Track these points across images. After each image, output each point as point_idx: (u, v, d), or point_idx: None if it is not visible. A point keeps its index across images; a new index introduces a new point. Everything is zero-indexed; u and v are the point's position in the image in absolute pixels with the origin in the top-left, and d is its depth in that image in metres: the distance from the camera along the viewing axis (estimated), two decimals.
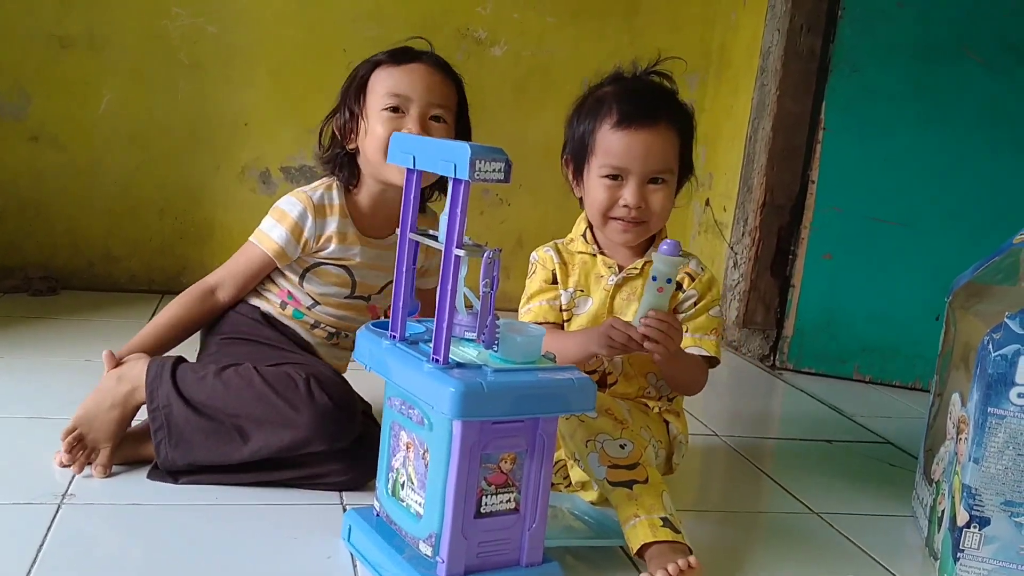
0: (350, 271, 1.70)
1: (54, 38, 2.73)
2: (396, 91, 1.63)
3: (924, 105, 2.58)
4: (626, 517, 1.38)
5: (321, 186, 1.69)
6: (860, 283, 2.68)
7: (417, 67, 1.65)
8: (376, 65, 1.67)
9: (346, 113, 1.67)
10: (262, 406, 1.48)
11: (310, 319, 1.71)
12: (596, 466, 1.43)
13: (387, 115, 1.63)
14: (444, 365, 1.17)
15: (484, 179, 1.13)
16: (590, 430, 1.46)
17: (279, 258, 1.66)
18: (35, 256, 2.80)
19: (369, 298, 1.74)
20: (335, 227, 1.67)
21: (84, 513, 1.39)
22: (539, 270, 1.66)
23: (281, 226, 1.65)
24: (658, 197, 1.57)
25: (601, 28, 3.09)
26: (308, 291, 1.70)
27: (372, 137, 1.63)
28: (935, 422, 1.67)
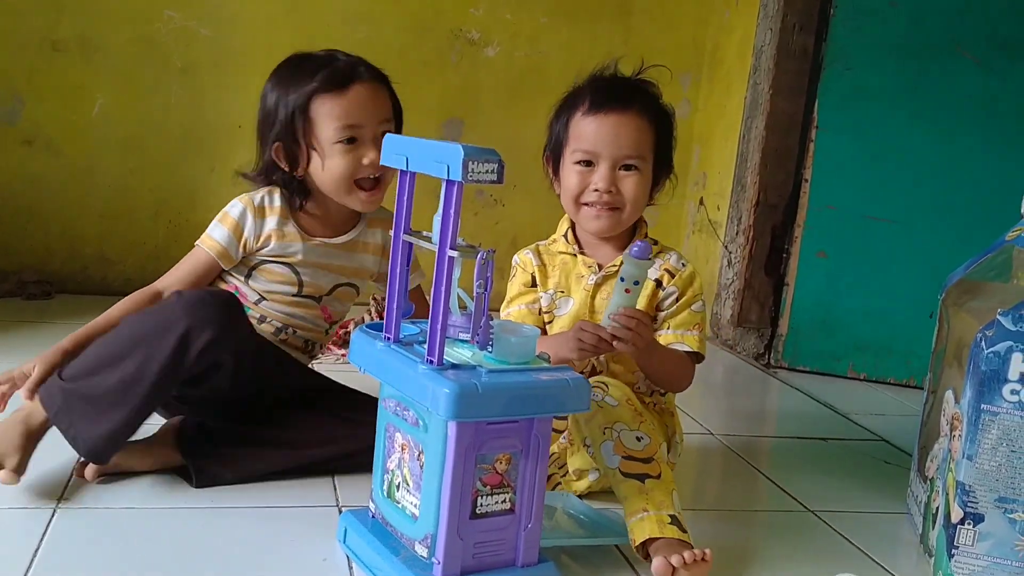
0: (294, 269, 1.68)
1: (47, 42, 2.73)
2: (349, 122, 1.61)
3: (917, 103, 2.59)
4: (634, 510, 1.37)
5: (264, 191, 1.68)
6: (854, 281, 2.69)
7: (359, 89, 1.62)
8: (312, 94, 1.60)
9: (291, 144, 1.63)
10: (139, 327, 1.45)
11: (256, 313, 1.68)
12: (610, 455, 1.43)
13: (342, 147, 1.61)
14: (439, 366, 1.17)
15: (477, 180, 1.13)
16: (608, 417, 1.45)
17: (222, 259, 1.65)
18: (29, 260, 2.79)
19: (320, 299, 1.71)
20: (274, 225, 1.66)
21: (79, 517, 1.39)
22: (519, 273, 1.67)
23: (223, 226, 1.65)
24: (630, 183, 1.58)
25: (594, 28, 3.10)
26: (254, 288, 1.68)
27: (332, 172, 1.62)
28: (929, 419, 1.67)
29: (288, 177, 1.66)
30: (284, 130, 1.62)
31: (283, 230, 1.66)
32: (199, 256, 1.66)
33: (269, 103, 1.65)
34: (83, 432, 1.43)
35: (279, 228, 1.66)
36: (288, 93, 1.62)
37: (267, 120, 1.65)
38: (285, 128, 1.62)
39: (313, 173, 1.65)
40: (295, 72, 1.63)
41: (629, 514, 1.38)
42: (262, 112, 1.66)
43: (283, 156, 1.64)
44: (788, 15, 2.70)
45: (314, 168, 1.64)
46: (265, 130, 1.66)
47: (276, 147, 1.63)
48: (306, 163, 1.64)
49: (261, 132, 1.67)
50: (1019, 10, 2.51)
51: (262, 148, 1.67)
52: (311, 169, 1.64)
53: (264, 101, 1.66)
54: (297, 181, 1.67)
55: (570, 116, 1.62)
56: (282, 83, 1.64)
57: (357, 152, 1.61)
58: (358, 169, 1.62)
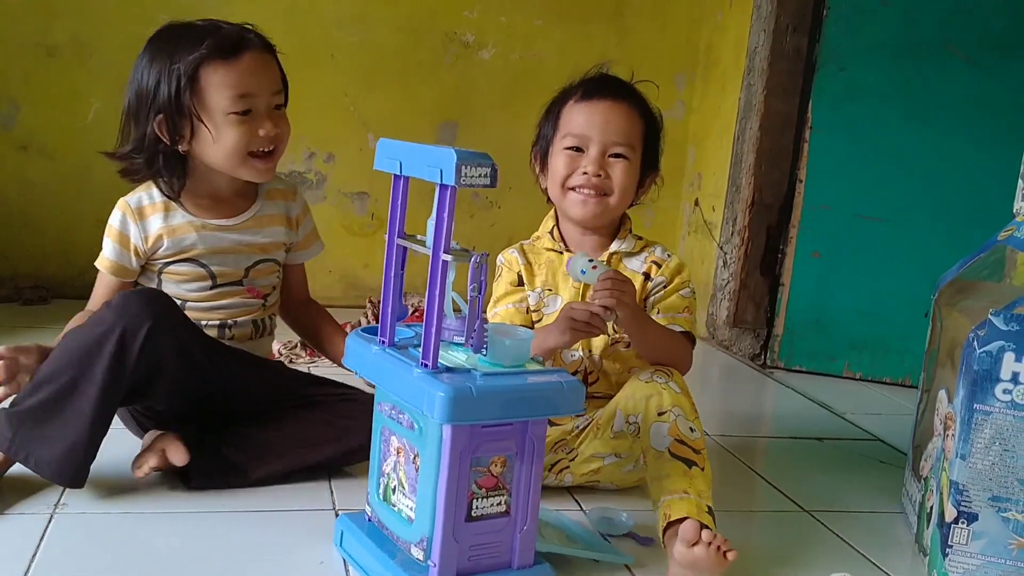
0: (198, 263, 1.61)
1: (41, 47, 2.73)
2: (242, 91, 1.52)
3: (910, 102, 2.60)
4: (674, 489, 1.39)
5: (140, 189, 1.60)
6: (849, 280, 2.69)
7: (250, 57, 1.54)
8: (200, 62, 1.50)
9: (175, 116, 1.52)
10: (75, 339, 1.43)
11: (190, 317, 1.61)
12: (662, 434, 1.44)
13: (235, 119, 1.53)
14: (433, 370, 1.18)
15: (470, 184, 1.14)
16: (670, 401, 1.47)
17: (120, 274, 1.59)
18: (25, 266, 2.79)
19: (240, 282, 1.65)
20: (160, 223, 1.58)
21: (76, 522, 1.39)
22: (505, 272, 1.68)
23: (110, 240, 1.59)
24: (619, 169, 1.60)
25: (588, 30, 3.10)
26: (170, 293, 1.60)
27: (224, 145, 1.54)
28: (923, 419, 1.68)
29: (169, 152, 1.55)
30: (168, 101, 1.51)
31: (171, 224, 1.58)
32: (103, 277, 1.62)
33: (146, 75, 1.53)
34: (42, 456, 1.41)
35: (166, 224, 1.58)
36: (172, 61, 1.50)
37: (143, 93, 1.53)
38: (169, 99, 1.50)
39: (200, 147, 1.55)
40: (176, 41, 1.53)
41: (668, 492, 1.39)
42: (135, 86, 1.55)
43: (165, 129, 1.53)
44: (781, 16, 2.70)
45: (201, 141, 1.54)
46: (141, 105, 1.54)
47: (159, 120, 1.52)
48: (190, 136, 1.54)
49: (135, 108, 1.55)
50: (1011, 9, 2.52)
51: (136, 125, 1.56)
52: (197, 143, 1.55)
53: (138, 73, 1.55)
54: (178, 157, 1.57)
55: (561, 107, 1.65)
56: (162, 52, 1.52)
57: (252, 123, 1.54)
58: (252, 141, 1.55)
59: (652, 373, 1.52)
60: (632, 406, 1.51)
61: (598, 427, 1.58)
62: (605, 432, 1.56)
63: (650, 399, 1.48)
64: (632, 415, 1.50)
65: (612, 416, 1.55)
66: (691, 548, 1.29)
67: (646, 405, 1.49)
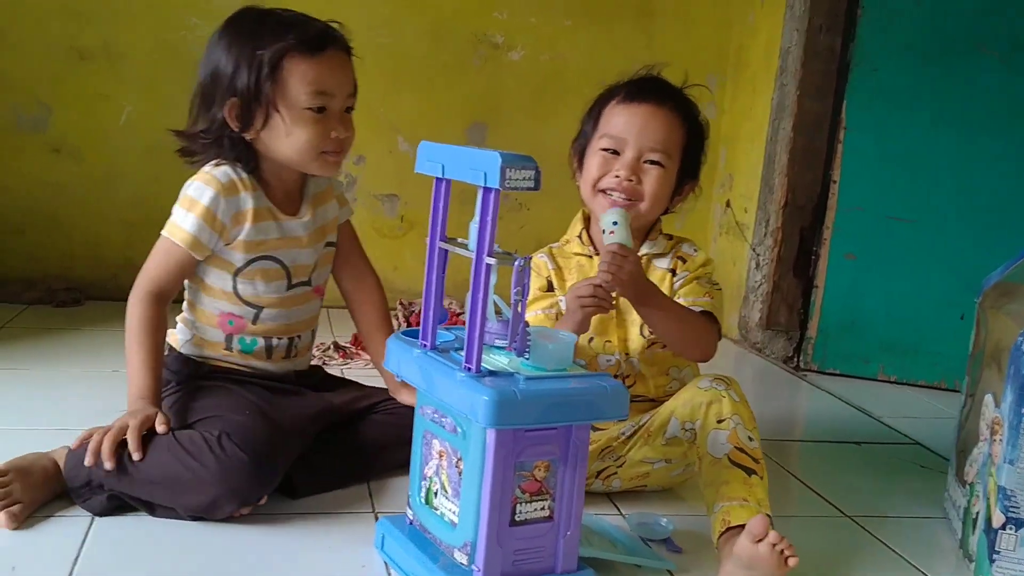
0: (275, 259, 1.58)
1: (73, 51, 2.74)
2: (322, 88, 1.50)
3: (943, 103, 2.57)
4: (733, 495, 1.38)
5: (223, 165, 1.54)
6: (883, 283, 2.66)
7: (334, 55, 1.53)
8: (285, 52, 1.48)
9: (251, 102, 1.49)
10: (177, 467, 1.38)
11: (260, 342, 1.60)
12: (721, 441, 1.43)
13: (311, 116, 1.50)
14: (477, 373, 1.17)
15: (514, 187, 1.13)
16: (730, 409, 1.46)
17: (194, 248, 1.51)
18: (57, 268, 2.81)
19: (309, 281, 1.64)
20: (251, 203, 1.54)
21: (118, 526, 1.39)
22: (534, 277, 1.65)
23: (192, 214, 1.51)
24: (652, 177, 1.57)
25: (617, 31, 3.09)
26: (246, 298, 1.57)
27: (295, 140, 1.51)
28: (967, 423, 1.65)
29: (236, 138, 1.52)
30: (247, 87, 1.48)
31: (257, 207, 1.54)
32: (171, 250, 1.52)
33: (222, 58, 1.50)
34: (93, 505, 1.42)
35: (255, 206, 1.54)
36: (256, 48, 1.48)
37: (218, 75, 1.50)
38: (248, 85, 1.48)
39: (269, 137, 1.52)
40: (259, 27, 1.50)
41: (727, 498, 1.38)
42: (209, 67, 1.51)
43: (236, 115, 1.50)
44: (814, 16, 2.68)
45: (273, 132, 1.51)
46: (216, 87, 1.50)
47: (232, 103, 1.49)
48: (262, 125, 1.51)
49: (209, 89, 1.52)
50: None
51: (206, 108, 1.53)
52: (267, 133, 1.52)
53: (216, 55, 1.51)
54: (244, 144, 1.54)
55: (603, 107, 1.63)
56: (244, 37, 1.50)
57: (326, 124, 1.52)
58: (324, 142, 1.52)
59: (712, 380, 1.50)
60: (690, 412, 1.49)
61: (649, 433, 1.57)
62: (656, 439, 1.55)
63: (710, 406, 1.47)
64: (689, 421, 1.49)
65: (665, 422, 1.53)
66: (756, 544, 1.27)
67: (705, 412, 1.47)
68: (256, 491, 1.41)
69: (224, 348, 1.61)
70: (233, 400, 1.52)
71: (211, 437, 1.40)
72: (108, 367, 2.13)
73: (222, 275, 1.57)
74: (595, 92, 3.39)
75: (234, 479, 1.38)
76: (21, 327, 2.45)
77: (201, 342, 1.61)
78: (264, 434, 1.43)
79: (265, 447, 1.42)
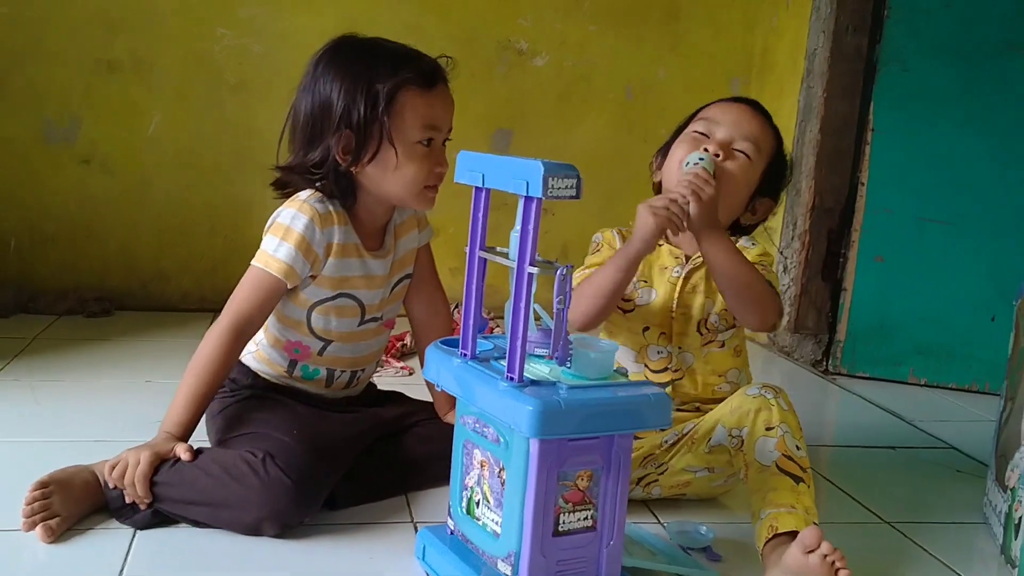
0: (352, 296, 1.58)
1: (102, 62, 2.76)
2: (433, 123, 1.50)
3: (972, 103, 2.55)
4: (782, 503, 1.37)
5: (314, 196, 1.52)
6: (912, 285, 2.65)
7: (443, 91, 1.53)
8: (402, 85, 1.47)
9: (363, 135, 1.48)
10: (222, 487, 1.39)
11: (323, 373, 1.61)
12: (768, 450, 1.43)
13: (421, 150, 1.50)
14: (519, 383, 1.17)
15: (557, 196, 1.13)
16: (777, 417, 1.45)
17: (288, 278, 1.49)
18: (88, 278, 2.83)
19: (381, 316, 1.64)
20: (340, 237, 1.53)
21: (161, 539, 1.39)
22: (605, 248, 1.65)
23: (287, 243, 1.49)
24: (737, 163, 1.57)
25: (641, 35, 3.09)
26: (317, 331, 1.57)
27: (403, 174, 1.50)
28: (1007, 426, 1.64)
29: (338, 174, 1.51)
30: (361, 120, 1.46)
31: (344, 243, 1.53)
32: (264, 280, 1.49)
33: (334, 91, 1.47)
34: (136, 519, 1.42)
35: (342, 241, 1.53)
36: (371, 80, 1.46)
37: (328, 108, 1.48)
38: (363, 118, 1.46)
39: (375, 171, 1.51)
40: (372, 59, 1.49)
41: (775, 505, 1.37)
42: (318, 98, 1.49)
43: (344, 148, 1.49)
44: (841, 17, 2.66)
45: (380, 165, 1.50)
46: (324, 119, 1.49)
47: (345, 135, 1.47)
48: (371, 157, 1.49)
49: (317, 121, 1.49)
50: None
51: (312, 140, 1.50)
52: (374, 166, 1.50)
53: (323, 86, 1.48)
54: (346, 180, 1.53)
55: (701, 108, 1.66)
56: (356, 70, 1.48)
57: (431, 157, 1.52)
58: (429, 176, 1.53)
59: (760, 388, 1.50)
60: (737, 420, 1.48)
61: (693, 441, 1.56)
62: (700, 446, 1.54)
63: (759, 413, 1.46)
64: (736, 428, 1.48)
65: (710, 430, 1.52)
66: (807, 555, 1.26)
67: (754, 419, 1.46)
68: (298, 514, 1.41)
69: (285, 372, 1.61)
70: (283, 416, 1.52)
71: (255, 460, 1.40)
72: (141, 377, 2.15)
73: (298, 308, 1.57)
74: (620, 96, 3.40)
75: (276, 502, 1.38)
76: (54, 338, 2.47)
77: (264, 359, 1.61)
78: (309, 457, 1.43)
79: (309, 470, 1.41)
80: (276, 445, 1.43)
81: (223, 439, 1.52)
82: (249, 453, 1.41)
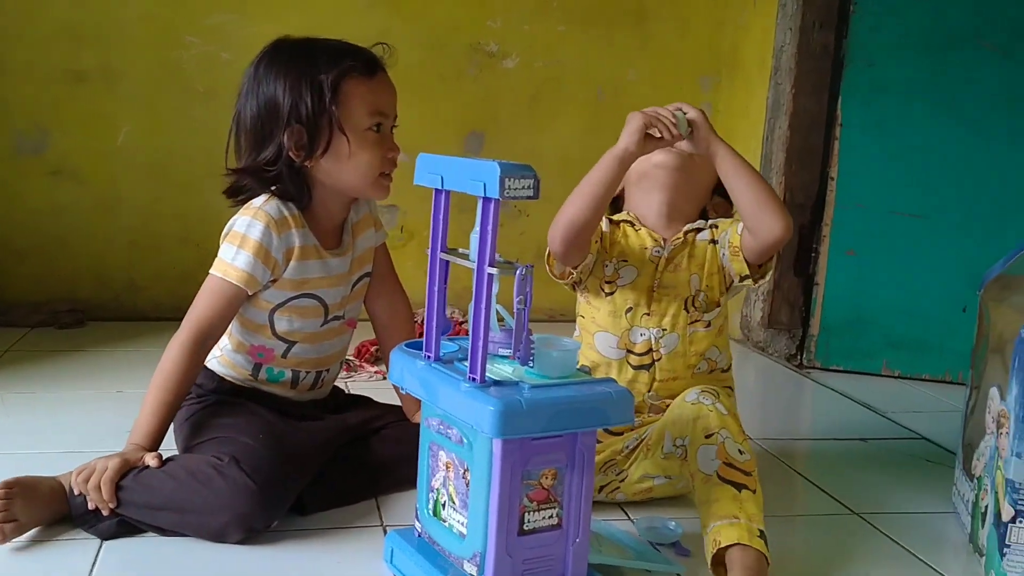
0: (315, 296, 1.58)
1: (70, 73, 2.75)
2: (378, 108, 1.52)
3: (940, 96, 2.57)
4: (724, 514, 1.35)
5: (271, 199, 1.52)
6: (885, 278, 2.66)
7: (384, 78, 1.55)
8: (346, 74, 1.49)
9: (313, 128, 1.49)
10: (188, 492, 1.39)
11: (288, 375, 1.61)
12: (709, 458, 1.41)
13: (372, 136, 1.52)
14: (481, 384, 1.17)
15: (514, 197, 1.13)
16: (716, 423, 1.43)
17: (249, 285, 1.49)
18: (60, 290, 2.81)
19: (343, 314, 1.65)
20: (298, 241, 1.53)
21: (126, 547, 1.39)
22: None
23: (244, 251, 1.49)
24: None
25: (611, 35, 3.10)
26: (280, 333, 1.57)
27: (357, 162, 1.51)
28: (973, 416, 1.65)
29: (292, 172, 1.52)
30: (310, 113, 1.47)
31: (303, 245, 1.54)
32: (223, 289, 1.49)
33: (278, 89, 1.48)
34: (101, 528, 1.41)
35: (302, 244, 1.53)
36: (314, 74, 1.47)
37: (274, 107, 1.49)
38: (312, 111, 1.47)
39: (331, 163, 1.51)
40: (311, 54, 1.50)
41: (717, 517, 1.35)
42: (262, 99, 1.50)
43: (297, 143, 1.49)
44: (807, 13, 2.68)
45: (334, 156, 1.51)
46: (272, 118, 1.49)
47: (295, 131, 1.48)
48: (324, 149, 1.50)
49: (264, 121, 1.50)
50: None
51: (261, 141, 1.51)
52: (329, 158, 1.51)
53: (266, 87, 1.50)
54: (300, 177, 1.53)
55: None
56: (297, 66, 1.49)
57: (383, 143, 1.53)
58: (383, 162, 1.54)
59: (699, 393, 1.49)
60: (679, 429, 1.48)
61: (648, 447, 1.56)
62: (655, 453, 1.55)
63: (697, 421, 1.45)
64: (679, 438, 1.48)
65: (662, 437, 1.53)
66: None
67: (693, 427, 1.45)
68: (263, 519, 1.41)
69: (250, 375, 1.61)
70: (249, 420, 1.52)
71: (220, 463, 1.40)
72: (113, 388, 2.14)
73: (259, 311, 1.57)
74: (591, 97, 3.39)
75: (241, 506, 1.37)
76: (26, 350, 2.45)
77: (228, 363, 1.61)
78: (275, 461, 1.43)
79: (274, 474, 1.41)
80: (242, 449, 1.43)
81: (190, 445, 1.51)
82: (215, 457, 1.41)
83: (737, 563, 1.30)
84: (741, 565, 1.30)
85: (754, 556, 1.31)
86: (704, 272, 1.62)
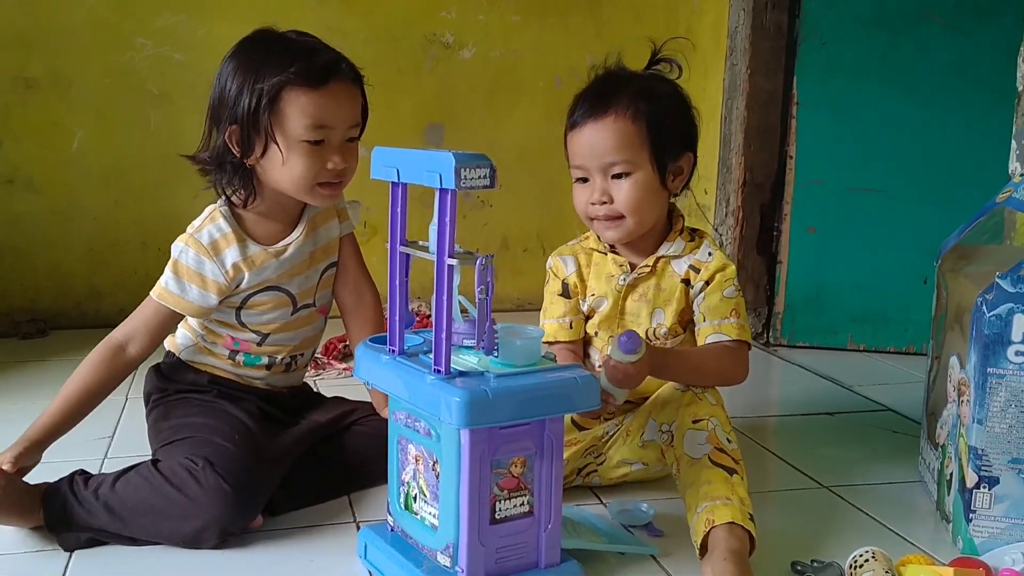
0: (279, 288, 1.59)
1: (20, 80, 2.71)
2: (321, 122, 1.48)
3: (893, 71, 2.59)
4: (717, 495, 1.36)
5: (207, 222, 1.54)
6: (846, 253, 2.69)
7: (335, 88, 1.49)
8: (284, 84, 1.46)
9: (250, 130, 1.48)
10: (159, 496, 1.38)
11: (265, 359, 1.63)
12: (698, 443, 1.42)
13: (307, 148, 1.48)
14: (447, 375, 1.17)
15: (470, 187, 1.13)
16: (705, 411, 1.45)
17: (191, 313, 1.54)
18: (20, 300, 2.78)
19: (314, 302, 1.65)
20: (236, 256, 1.53)
21: (98, 557, 1.38)
22: (551, 280, 1.65)
23: (183, 279, 1.51)
24: (622, 190, 1.53)
25: (566, 23, 3.09)
26: (252, 327, 1.59)
27: (291, 171, 1.49)
28: (935, 386, 1.68)
29: (237, 164, 1.52)
30: (245, 114, 1.47)
31: (248, 256, 1.54)
32: (159, 312, 1.52)
33: (229, 83, 1.49)
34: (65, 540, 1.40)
35: (243, 257, 1.54)
36: (257, 77, 1.46)
37: (223, 100, 1.49)
38: (247, 113, 1.47)
39: (267, 166, 1.51)
40: (266, 54, 1.48)
41: (710, 497, 1.36)
42: (218, 89, 1.51)
43: (236, 141, 1.49)
44: None
45: (270, 161, 1.50)
46: (220, 110, 1.50)
47: (232, 130, 1.49)
48: (261, 153, 1.50)
49: (214, 111, 1.52)
50: None
51: (212, 128, 1.53)
52: (265, 161, 1.50)
53: (222, 79, 1.50)
54: (245, 170, 1.53)
55: (566, 136, 1.60)
56: (250, 64, 1.48)
57: (323, 155, 1.49)
58: (321, 172, 1.50)
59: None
60: (666, 415, 1.49)
61: (628, 433, 1.57)
62: (634, 439, 1.55)
63: (687, 407, 1.47)
64: (666, 423, 1.49)
65: (643, 424, 1.53)
66: None
67: (682, 413, 1.47)
68: (238, 521, 1.40)
69: (228, 359, 1.62)
70: (222, 421, 1.52)
71: (194, 467, 1.39)
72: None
73: (228, 309, 1.58)
74: (549, 85, 3.39)
75: (216, 509, 1.37)
76: None
77: (205, 350, 1.62)
78: (248, 464, 1.43)
79: (248, 477, 1.41)
80: (216, 451, 1.42)
81: (163, 444, 1.51)
82: (189, 460, 1.41)
83: (722, 542, 1.31)
84: (725, 546, 1.30)
85: (742, 536, 1.32)
86: (671, 309, 1.59)
